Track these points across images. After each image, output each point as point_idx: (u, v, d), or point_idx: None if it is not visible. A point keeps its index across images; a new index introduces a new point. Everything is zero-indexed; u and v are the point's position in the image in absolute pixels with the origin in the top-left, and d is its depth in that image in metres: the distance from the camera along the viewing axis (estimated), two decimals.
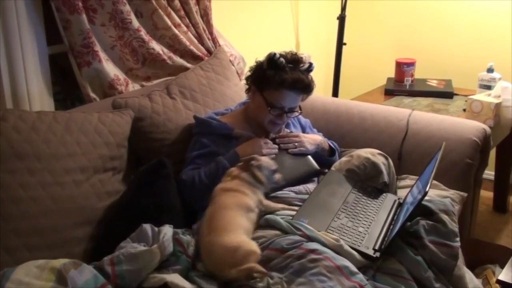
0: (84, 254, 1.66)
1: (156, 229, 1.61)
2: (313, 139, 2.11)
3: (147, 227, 1.61)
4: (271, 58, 1.97)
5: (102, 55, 2.13)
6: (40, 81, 2.03)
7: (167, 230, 1.59)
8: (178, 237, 1.61)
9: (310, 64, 2.01)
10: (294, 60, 1.99)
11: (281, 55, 1.97)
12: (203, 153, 1.95)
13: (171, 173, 1.81)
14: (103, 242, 1.68)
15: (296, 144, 2.04)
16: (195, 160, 1.94)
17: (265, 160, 1.77)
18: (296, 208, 1.78)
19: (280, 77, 1.93)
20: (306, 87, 1.98)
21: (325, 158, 2.15)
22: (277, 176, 1.79)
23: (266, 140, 1.99)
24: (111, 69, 2.17)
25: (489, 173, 3.08)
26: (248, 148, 1.94)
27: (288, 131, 2.13)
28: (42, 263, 1.40)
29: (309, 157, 2.05)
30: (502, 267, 1.80)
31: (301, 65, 1.99)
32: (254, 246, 1.53)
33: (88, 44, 2.06)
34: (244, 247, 1.51)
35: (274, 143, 2.04)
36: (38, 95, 2.03)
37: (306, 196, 1.87)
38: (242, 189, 1.68)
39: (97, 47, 2.10)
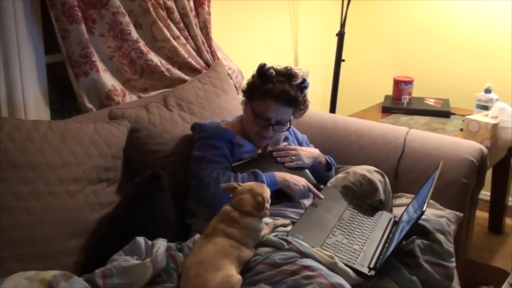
0: (76, 266, 1.63)
1: (150, 242, 1.59)
2: (310, 152, 2.11)
3: (141, 240, 1.59)
4: (261, 68, 1.98)
5: (100, 65, 2.13)
6: (36, 90, 2.03)
7: (161, 244, 1.56)
8: (174, 253, 1.59)
9: (304, 80, 2.01)
10: (286, 74, 1.99)
11: (272, 67, 1.98)
12: (220, 153, 1.94)
13: (166, 185, 1.79)
14: (95, 254, 1.65)
15: (293, 157, 2.03)
16: (217, 159, 1.92)
17: (266, 193, 1.65)
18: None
19: (267, 87, 1.94)
20: (291, 100, 1.97)
21: (321, 172, 2.14)
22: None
23: (311, 187, 1.93)
24: (109, 80, 2.17)
25: (485, 194, 3.07)
26: (288, 181, 1.91)
27: (286, 144, 2.13)
28: (32, 275, 1.38)
29: (306, 170, 2.05)
30: None
31: (294, 80, 1.99)
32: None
33: (86, 54, 2.05)
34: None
35: (271, 156, 2.03)
36: (34, 104, 2.02)
37: (301, 211, 1.86)
38: (247, 241, 1.57)
39: (95, 57, 2.10)
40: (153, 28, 2.28)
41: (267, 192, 1.65)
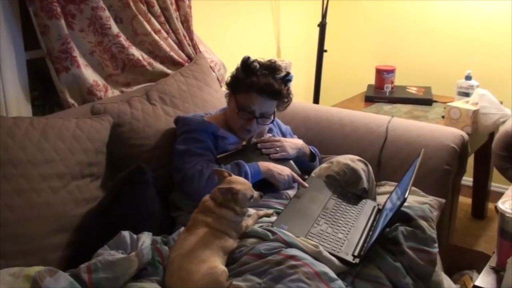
0: (61, 262, 1.63)
1: (135, 236, 1.59)
2: (294, 143, 2.12)
3: (126, 234, 1.59)
4: (245, 62, 1.99)
5: (81, 60, 2.11)
6: (17, 86, 2.01)
7: (146, 238, 1.57)
8: (159, 246, 1.59)
9: (288, 74, 2.01)
10: (270, 67, 2.00)
11: (255, 60, 1.99)
12: (204, 146, 1.94)
13: (150, 180, 1.79)
14: (80, 249, 1.65)
15: (277, 149, 2.04)
16: (200, 152, 1.92)
17: (242, 192, 1.60)
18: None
19: (251, 80, 1.95)
20: (275, 93, 1.97)
21: (306, 163, 2.15)
22: (255, 195, 1.64)
23: (295, 176, 1.96)
24: (90, 75, 2.15)
25: (467, 179, 3.11)
26: (272, 170, 1.92)
27: (270, 135, 2.13)
28: (17, 271, 1.38)
29: (291, 161, 2.06)
30: (480, 272, 1.82)
31: (278, 73, 1.99)
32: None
33: (67, 50, 2.04)
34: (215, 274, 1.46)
35: (256, 148, 2.04)
36: (15, 100, 2.00)
37: (286, 202, 1.87)
38: (226, 230, 1.57)
39: (76, 53, 2.08)
40: (134, 22, 2.26)
41: (245, 190, 1.60)
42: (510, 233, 1.42)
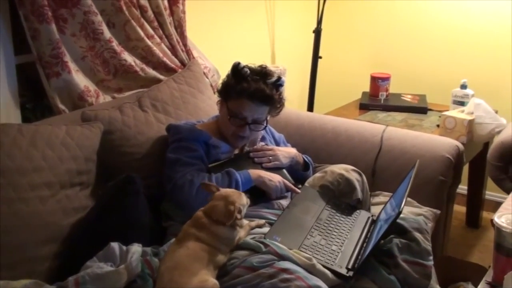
0: (48, 273, 1.59)
1: (124, 248, 1.56)
2: (287, 152, 2.09)
3: (115, 245, 1.56)
4: (235, 67, 1.97)
5: (72, 65, 2.08)
6: (6, 91, 1.98)
7: (136, 250, 1.53)
8: (149, 258, 1.56)
9: (279, 78, 1.99)
10: (261, 73, 1.98)
11: (246, 66, 1.96)
12: (195, 155, 1.92)
13: (140, 189, 1.75)
14: (68, 260, 1.62)
15: (270, 158, 2.02)
16: (191, 161, 1.89)
17: (240, 202, 1.59)
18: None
19: (241, 86, 1.93)
20: (267, 98, 1.95)
21: (299, 172, 2.13)
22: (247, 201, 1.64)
23: (288, 184, 1.95)
24: (81, 80, 2.12)
25: (462, 188, 3.09)
26: (263, 177, 1.91)
27: (263, 144, 2.11)
28: (2, 284, 1.35)
29: (284, 170, 2.03)
30: (475, 284, 1.80)
31: (269, 78, 1.97)
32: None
33: (57, 55, 2.00)
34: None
35: (248, 157, 2.01)
36: (4, 106, 1.97)
37: (278, 212, 1.84)
38: (219, 246, 1.53)
39: (67, 58, 2.05)
40: (126, 27, 2.23)
41: (241, 202, 1.60)
42: (506, 248, 1.39)
